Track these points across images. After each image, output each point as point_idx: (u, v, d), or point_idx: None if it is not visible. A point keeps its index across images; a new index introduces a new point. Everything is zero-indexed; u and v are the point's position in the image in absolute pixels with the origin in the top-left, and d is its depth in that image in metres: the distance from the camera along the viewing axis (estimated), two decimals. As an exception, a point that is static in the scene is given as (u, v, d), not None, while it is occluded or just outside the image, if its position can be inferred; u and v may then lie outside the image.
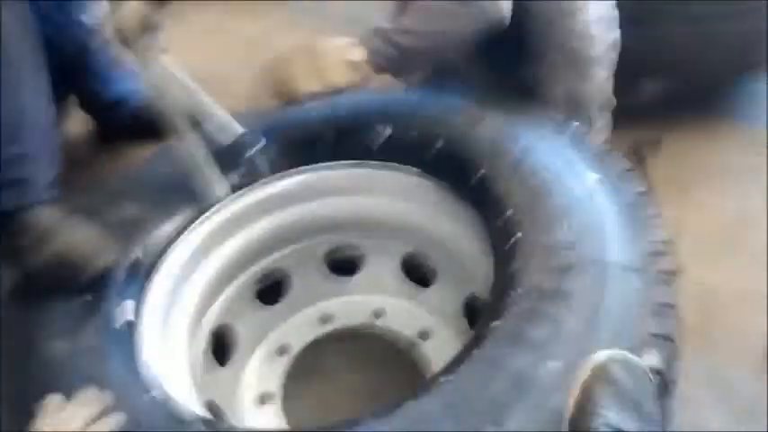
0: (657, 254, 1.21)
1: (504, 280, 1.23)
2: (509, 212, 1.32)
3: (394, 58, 1.42)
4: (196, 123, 1.52)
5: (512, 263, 1.24)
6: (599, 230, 1.24)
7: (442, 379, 1.08)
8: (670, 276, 1.19)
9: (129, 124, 2.10)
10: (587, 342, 1.07)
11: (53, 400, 1.09)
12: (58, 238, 1.29)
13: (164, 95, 1.45)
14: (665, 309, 1.13)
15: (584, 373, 0.98)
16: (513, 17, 1.48)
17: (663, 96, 2.15)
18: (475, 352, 1.10)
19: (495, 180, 1.38)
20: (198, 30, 2.75)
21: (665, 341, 1.09)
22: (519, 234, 1.27)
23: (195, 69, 1.67)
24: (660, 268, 1.19)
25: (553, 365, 1.04)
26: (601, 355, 0.99)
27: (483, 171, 1.41)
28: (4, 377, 1.20)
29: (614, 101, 1.72)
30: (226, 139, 1.54)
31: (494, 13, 1.43)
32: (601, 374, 0.97)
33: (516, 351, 1.07)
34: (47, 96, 1.40)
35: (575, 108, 1.62)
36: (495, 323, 1.13)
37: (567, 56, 1.60)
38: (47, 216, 1.32)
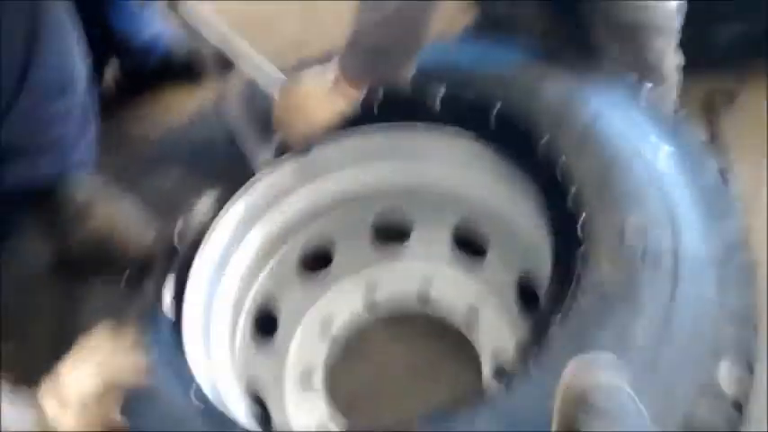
0: (736, 245, 1.10)
1: (564, 267, 1.14)
2: (574, 188, 1.20)
3: (370, 63, 1.28)
4: (231, 67, 1.43)
5: (574, 247, 1.14)
6: (671, 219, 1.13)
7: (497, 388, 1.01)
8: (749, 272, 1.08)
9: (158, 69, 2.04)
10: (657, 340, 0.98)
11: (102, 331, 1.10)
12: (100, 214, 1.26)
13: (196, 38, 1.38)
14: (743, 311, 1.03)
15: (559, 394, 0.90)
16: None
17: (740, 43, 1.97)
18: (533, 360, 1.02)
19: (560, 150, 1.25)
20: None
21: (742, 349, 0.99)
22: (584, 214, 1.16)
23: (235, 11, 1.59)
24: (739, 262, 1.08)
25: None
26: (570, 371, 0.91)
27: (546, 139, 1.28)
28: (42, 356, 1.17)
29: (681, 58, 1.57)
30: (265, 86, 1.44)
31: None
32: (578, 398, 0.88)
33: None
34: (85, 57, 1.36)
35: (640, 72, 1.48)
36: (555, 327, 1.04)
37: (624, 28, 1.45)
38: (87, 189, 1.28)
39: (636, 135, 1.25)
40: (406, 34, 1.27)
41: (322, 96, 1.31)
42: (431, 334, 1.54)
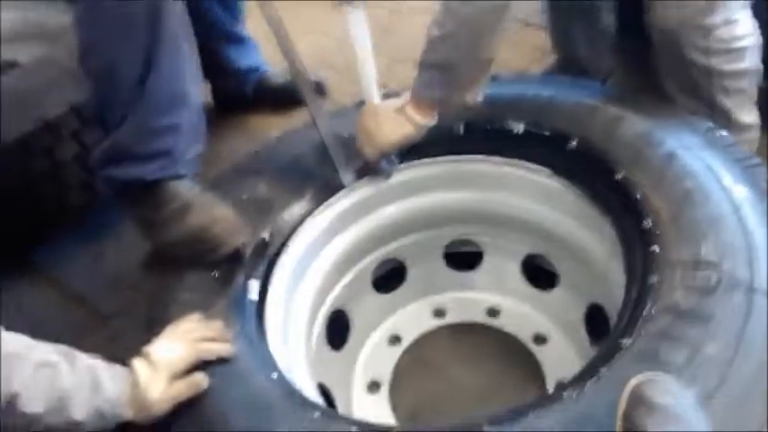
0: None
1: (636, 295, 1.17)
2: (647, 222, 1.25)
3: (436, 80, 1.34)
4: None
5: (646, 277, 1.18)
6: (746, 251, 1.15)
7: (565, 394, 1.04)
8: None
9: (251, 94, 2.24)
10: (726, 373, 1.00)
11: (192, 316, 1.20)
12: (197, 214, 1.33)
13: (296, 67, 1.48)
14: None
15: (622, 402, 0.94)
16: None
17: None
18: (602, 369, 1.05)
19: (634, 186, 1.31)
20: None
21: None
22: (656, 247, 1.20)
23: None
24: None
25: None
26: (634, 381, 0.95)
27: (621, 175, 1.33)
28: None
29: (758, 116, 1.60)
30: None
31: None
32: (638, 399, 0.93)
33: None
34: (198, 76, 1.46)
35: (717, 118, 1.51)
36: (626, 341, 1.08)
37: (692, 87, 1.51)
38: (186, 190, 1.36)
39: (710, 175, 1.28)
40: (469, 53, 1.34)
41: (392, 120, 1.40)
42: (498, 350, 1.58)
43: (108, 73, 1.32)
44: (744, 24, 1.47)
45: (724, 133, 1.39)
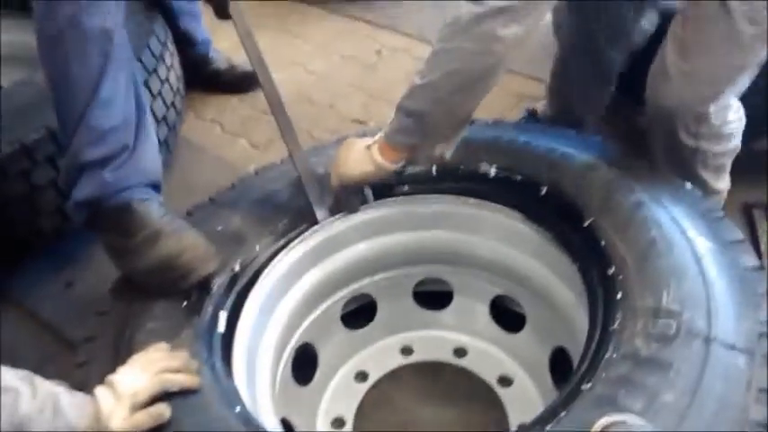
0: (765, 336, 1.15)
1: (598, 340, 1.19)
2: (612, 270, 1.28)
3: (410, 128, 1.34)
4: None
5: (609, 323, 1.21)
6: (705, 301, 1.18)
7: (525, 436, 1.06)
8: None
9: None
10: (682, 420, 1.02)
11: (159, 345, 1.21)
12: (167, 242, 1.33)
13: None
14: (769, 396, 1.07)
15: None
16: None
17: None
18: (562, 413, 1.06)
19: (601, 232, 1.34)
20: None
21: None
22: (620, 294, 1.23)
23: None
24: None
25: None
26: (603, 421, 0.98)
27: (588, 222, 1.37)
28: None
29: (728, 184, 1.67)
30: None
31: (502, 52, 1.27)
32: None
33: (606, 418, 1.03)
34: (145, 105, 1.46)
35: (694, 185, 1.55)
36: (586, 385, 1.10)
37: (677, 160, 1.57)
38: (157, 218, 1.36)
39: (676, 226, 1.31)
40: (447, 107, 1.34)
41: (357, 155, 1.42)
42: (463, 390, 1.58)
43: (63, 78, 1.33)
44: (734, 109, 1.52)
45: (690, 186, 1.43)
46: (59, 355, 1.72)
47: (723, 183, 1.66)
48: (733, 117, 1.53)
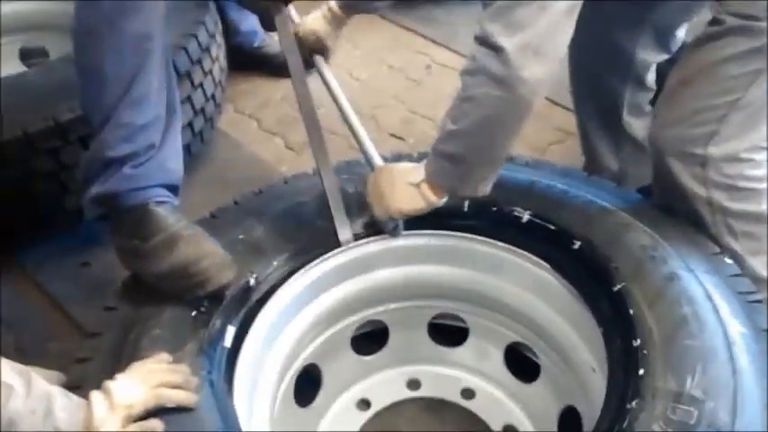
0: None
1: (612, 418, 1.14)
2: (637, 342, 1.22)
3: (447, 171, 1.32)
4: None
5: (626, 400, 1.15)
6: (732, 392, 1.12)
7: None
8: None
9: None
10: None
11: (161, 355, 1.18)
12: (185, 247, 1.30)
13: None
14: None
15: None
16: None
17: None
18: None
19: (630, 301, 1.28)
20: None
21: None
22: (642, 370, 1.17)
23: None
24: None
25: None
26: None
27: (618, 287, 1.31)
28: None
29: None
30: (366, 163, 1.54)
31: (529, 95, 1.23)
32: None
33: None
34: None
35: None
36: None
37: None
38: (174, 222, 1.33)
39: (710, 305, 1.25)
40: (483, 152, 1.31)
41: (407, 190, 1.38)
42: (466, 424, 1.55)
43: (96, 73, 1.30)
44: (760, 167, 1.39)
45: (729, 261, 1.36)
46: (65, 334, 1.72)
47: (759, 263, 1.45)
48: (755, 173, 1.39)
